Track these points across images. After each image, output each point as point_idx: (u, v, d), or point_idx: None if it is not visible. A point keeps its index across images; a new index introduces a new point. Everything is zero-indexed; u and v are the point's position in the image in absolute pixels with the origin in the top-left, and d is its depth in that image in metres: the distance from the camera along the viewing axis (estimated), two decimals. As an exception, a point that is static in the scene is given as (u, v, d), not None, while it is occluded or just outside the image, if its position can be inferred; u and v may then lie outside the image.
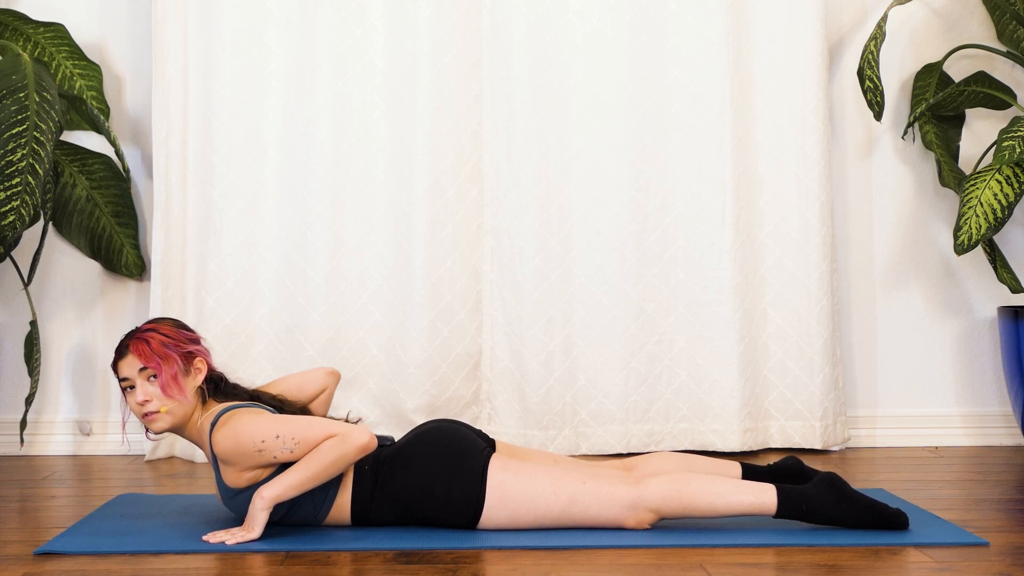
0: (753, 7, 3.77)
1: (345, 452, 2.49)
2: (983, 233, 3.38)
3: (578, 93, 3.73)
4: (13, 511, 3.02)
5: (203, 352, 2.66)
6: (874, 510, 2.55)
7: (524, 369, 3.70)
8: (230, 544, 2.50)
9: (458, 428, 2.69)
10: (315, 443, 2.50)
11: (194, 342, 2.65)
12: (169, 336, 2.62)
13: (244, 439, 2.49)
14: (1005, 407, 3.89)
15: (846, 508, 2.54)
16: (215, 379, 2.67)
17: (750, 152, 3.77)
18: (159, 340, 2.60)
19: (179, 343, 2.62)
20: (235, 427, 2.51)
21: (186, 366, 2.61)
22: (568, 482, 2.58)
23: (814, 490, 2.55)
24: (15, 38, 3.79)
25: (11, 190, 3.19)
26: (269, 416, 2.56)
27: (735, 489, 2.55)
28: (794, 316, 3.74)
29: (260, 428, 2.50)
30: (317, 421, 2.55)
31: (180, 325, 2.69)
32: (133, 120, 3.90)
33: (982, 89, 3.79)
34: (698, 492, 2.54)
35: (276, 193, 3.74)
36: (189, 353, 2.62)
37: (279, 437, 2.49)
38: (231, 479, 2.55)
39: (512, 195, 3.73)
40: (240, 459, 2.51)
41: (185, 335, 2.65)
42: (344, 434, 2.50)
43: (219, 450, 2.52)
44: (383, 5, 3.73)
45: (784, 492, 2.54)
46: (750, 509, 2.54)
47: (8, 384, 3.86)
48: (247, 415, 2.55)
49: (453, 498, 2.57)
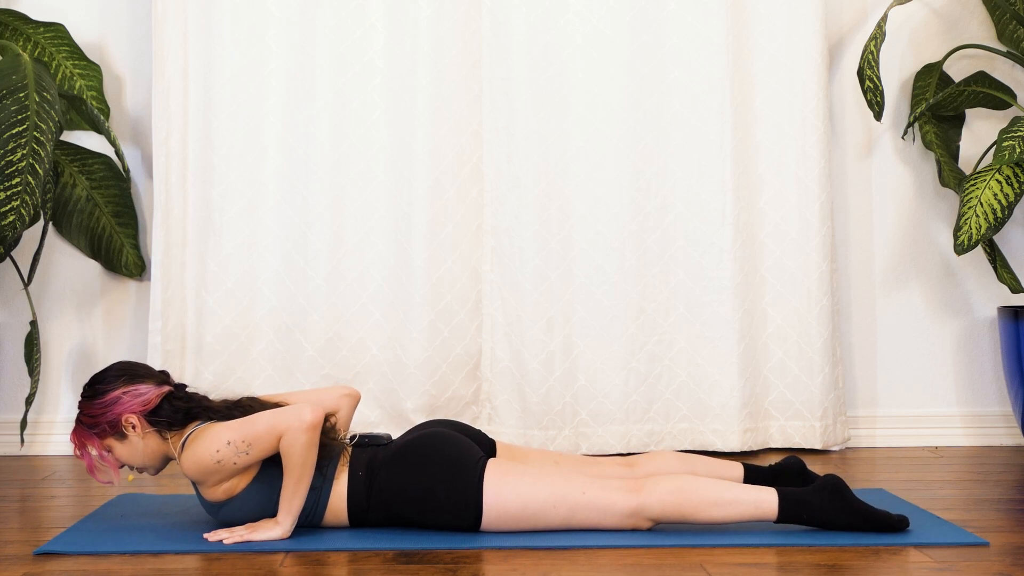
0: (753, 7, 3.77)
1: (302, 441, 2.48)
2: (983, 233, 3.38)
3: (578, 93, 3.73)
4: (13, 511, 3.02)
5: (127, 407, 2.59)
6: (876, 518, 2.54)
7: (524, 369, 3.70)
8: (227, 543, 2.50)
9: (454, 435, 2.65)
10: (264, 439, 2.49)
11: (116, 404, 2.58)
12: (83, 420, 2.62)
13: (201, 456, 2.50)
14: (1005, 407, 3.89)
15: (848, 516, 2.53)
16: (168, 411, 2.61)
17: (750, 152, 3.77)
18: (76, 431, 2.63)
19: (96, 425, 2.60)
20: (194, 448, 2.53)
21: (114, 432, 2.60)
22: (567, 492, 2.55)
23: (815, 497, 2.53)
24: (15, 38, 3.79)
25: (11, 190, 3.19)
26: (219, 426, 2.54)
27: (735, 499, 2.53)
28: (794, 316, 3.74)
29: (211, 441, 2.51)
30: (261, 417, 2.52)
31: (94, 397, 2.61)
32: (133, 120, 3.90)
33: (982, 89, 3.79)
34: (699, 504, 2.52)
35: (276, 193, 3.74)
36: (111, 423, 2.59)
37: (230, 443, 2.49)
38: (209, 495, 2.57)
39: (512, 195, 3.73)
40: (206, 476, 2.52)
41: (98, 406, 2.59)
42: (286, 427, 2.48)
43: (187, 472, 2.55)
44: (383, 5, 3.73)
45: (785, 499, 2.52)
46: (750, 519, 2.53)
47: (8, 384, 3.86)
48: (204, 431, 2.55)
49: (450, 507, 2.55)
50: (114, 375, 2.63)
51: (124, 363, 2.69)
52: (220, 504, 2.57)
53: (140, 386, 2.61)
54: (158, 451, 2.63)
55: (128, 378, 2.62)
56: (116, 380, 2.61)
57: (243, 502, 2.57)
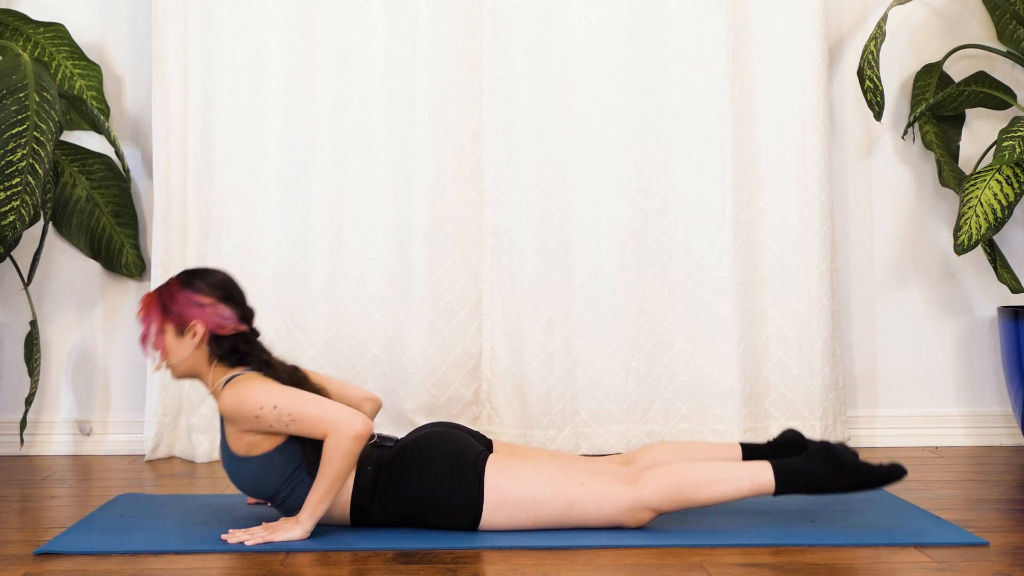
0: (753, 7, 3.77)
1: (347, 448, 2.50)
2: (983, 233, 3.38)
3: (578, 93, 3.73)
4: (13, 511, 3.02)
5: (203, 317, 2.63)
6: (871, 473, 2.53)
7: (524, 369, 3.70)
8: (249, 544, 2.50)
9: (455, 432, 2.69)
10: (309, 423, 2.52)
11: (199, 307, 2.63)
12: (163, 296, 2.65)
13: (245, 402, 2.53)
14: (1005, 407, 3.90)
15: (844, 476, 2.53)
16: (230, 345, 2.65)
17: (750, 152, 3.77)
18: (151, 299, 2.66)
19: (171, 306, 2.64)
20: (240, 389, 2.56)
21: (177, 325, 2.63)
22: (566, 484, 2.57)
23: (810, 463, 2.53)
24: (15, 38, 3.79)
25: (11, 190, 3.19)
26: (275, 386, 2.58)
27: (732, 475, 2.54)
28: (794, 316, 3.74)
29: (262, 396, 2.54)
30: (315, 401, 2.55)
31: (189, 286, 2.66)
32: (133, 120, 3.90)
33: (982, 89, 3.79)
34: (696, 485, 2.54)
35: (276, 193, 3.74)
36: (181, 317, 2.63)
37: (276, 408, 2.52)
38: (232, 439, 2.59)
39: (512, 195, 3.73)
40: (239, 419, 2.55)
41: (187, 298, 2.64)
42: (336, 427, 2.50)
43: (223, 407, 2.57)
44: (383, 5, 3.73)
45: (780, 470, 2.53)
46: (748, 493, 2.54)
47: (8, 384, 3.86)
48: (256, 381, 2.59)
49: (452, 505, 2.57)
50: (213, 284, 2.67)
51: (228, 279, 2.71)
52: (239, 460, 2.59)
53: (226, 310, 2.66)
54: (196, 367, 2.67)
55: (222, 295, 2.67)
56: (212, 289, 2.66)
57: (260, 467, 2.58)
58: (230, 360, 2.66)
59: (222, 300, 2.66)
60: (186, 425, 3.69)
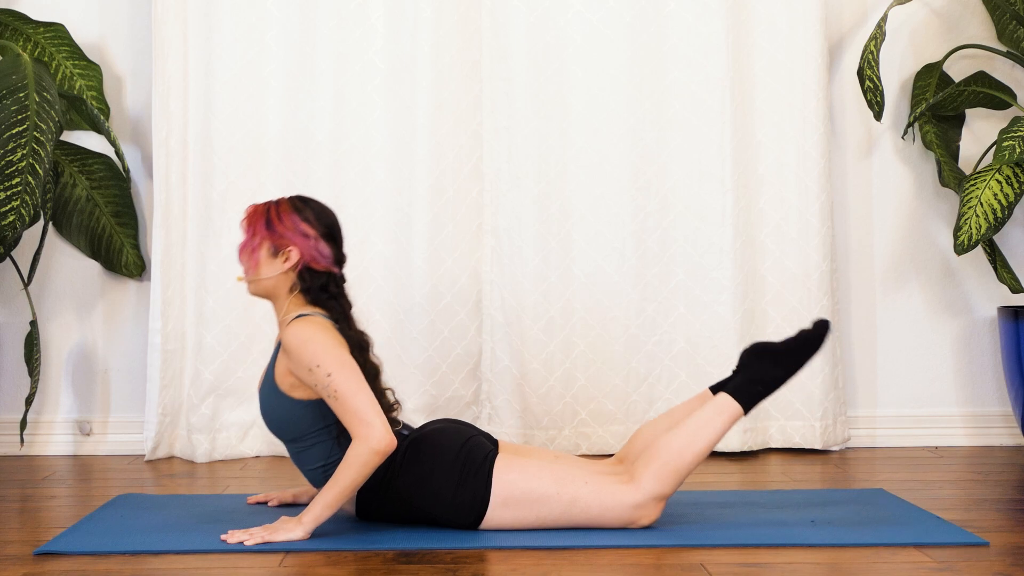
0: (753, 7, 3.77)
1: (368, 459, 2.50)
2: (983, 233, 3.38)
3: (578, 93, 3.73)
4: (13, 511, 3.02)
5: (302, 246, 2.64)
6: (803, 342, 2.63)
7: (524, 369, 3.70)
8: (248, 545, 2.50)
9: (466, 429, 2.70)
10: (347, 410, 2.51)
11: (303, 235, 2.63)
12: (272, 212, 2.66)
13: (308, 351, 2.53)
14: (1005, 407, 3.89)
15: (784, 361, 2.63)
16: (320, 283, 2.65)
17: (750, 152, 3.77)
18: (260, 210, 2.67)
19: (276, 224, 2.64)
20: (312, 334, 2.55)
21: (274, 246, 2.64)
22: (570, 482, 2.58)
23: (751, 370, 2.64)
24: (15, 38, 3.79)
25: (11, 190, 3.19)
26: (342, 355, 2.55)
27: (704, 423, 2.60)
28: (794, 316, 3.74)
29: (325, 357, 2.52)
30: (364, 395, 2.53)
31: (299, 212, 2.66)
32: (133, 120, 3.90)
33: (982, 89, 3.79)
34: (680, 451, 2.58)
35: (276, 193, 3.73)
36: (281, 238, 2.64)
37: (329, 376, 2.51)
38: (280, 371, 2.61)
39: (512, 195, 3.73)
40: (295, 360, 2.55)
41: (294, 223, 2.64)
42: (367, 434, 2.49)
43: (287, 340, 2.57)
44: (383, 5, 3.73)
45: (736, 391, 2.62)
46: (725, 428, 2.61)
47: (8, 384, 3.86)
48: (328, 333, 2.57)
49: (459, 499, 2.57)
50: (321, 219, 2.68)
51: (335, 220, 2.72)
52: (276, 393, 2.60)
53: (326, 248, 2.66)
54: (276, 291, 2.68)
55: (326, 232, 2.67)
56: (318, 223, 2.67)
57: (293, 409, 2.60)
58: (312, 296, 2.66)
59: (324, 237, 2.67)
60: (186, 425, 3.69)
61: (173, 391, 3.71)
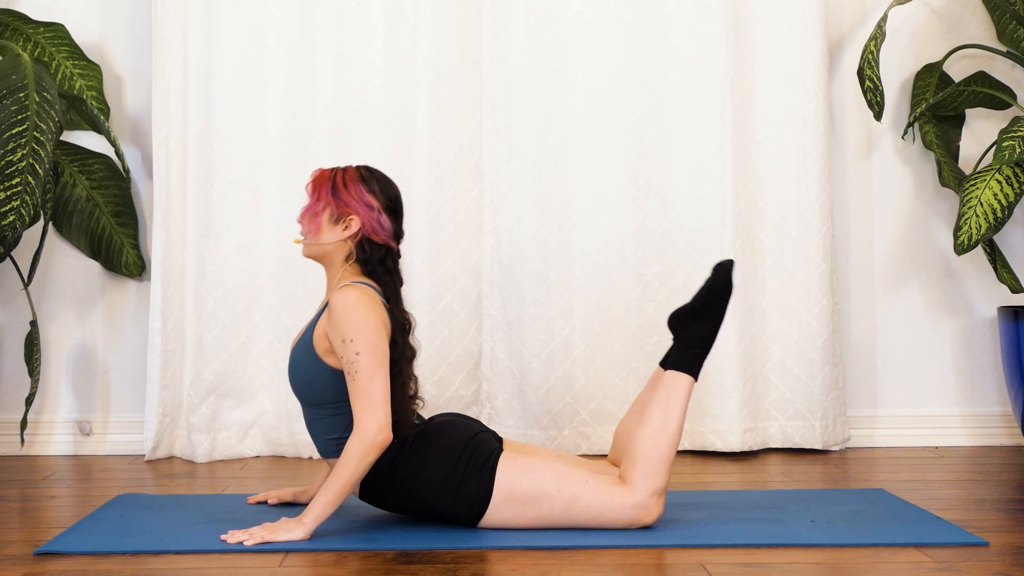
0: (753, 7, 3.78)
1: (365, 452, 2.50)
2: (983, 233, 3.38)
3: (578, 93, 3.73)
4: (13, 511, 3.02)
5: (365, 216, 2.65)
6: (715, 292, 2.68)
7: (524, 369, 3.70)
8: (248, 545, 2.49)
9: (473, 424, 2.71)
10: (360, 392, 2.51)
11: (366, 206, 2.65)
12: (339, 180, 2.68)
13: (349, 322, 2.53)
14: (1005, 407, 3.89)
15: (707, 316, 2.68)
16: (379, 256, 2.67)
17: (750, 152, 3.77)
18: (329, 175, 2.69)
19: (341, 191, 2.66)
20: (360, 307, 2.55)
21: (337, 213, 2.66)
22: (571, 481, 2.59)
23: (684, 337, 2.69)
24: (15, 38, 3.79)
25: (11, 190, 3.19)
26: (379, 341, 2.55)
27: (666, 407, 2.63)
28: (794, 316, 3.74)
29: (361, 335, 2.53)
30: (380, 385, 2.53)
31: (365, 183, 2.68)
32: (133, 120, 3.90)
33: (982, 89, 3.79)
34: (656, 440, 2.61)
35: (276, 193, 3.74)
36: (345, 206, 2.65)
37: (358, 355, 2.52)
38: (319, 331, 2.61)
39: (512, 195, 3.73)
40: (334, 324, 2.55)
41: (359, 192, 2.66)
42: (368, 425, 2.50)
43: (335, 303, 2.57)
44: (383, 5, 3.73)
45: (679, 363, 2.67)
46: (686, 400, 2.66)
47: (8, 384, 3.86)
48: (375, 318, 2.56)
49: (461, 493, 2.58)
50: (385, 192, 2.69)
51: (399, 196, 2.74)
52: (309, 353, 2.61)
53: (387, 221, 2.68)
54: (331, 257, 2.69)
55: (388, 206, 2.69)
56: (382, 196, 2.68)
57: (321, 374, 2.61)
58: (368, 268, 2.67)
59: (387, 210, 2.68)
60: (186, 425, 3.69)
61: (173, 391, 3.71)
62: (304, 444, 3.69)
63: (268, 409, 3.73)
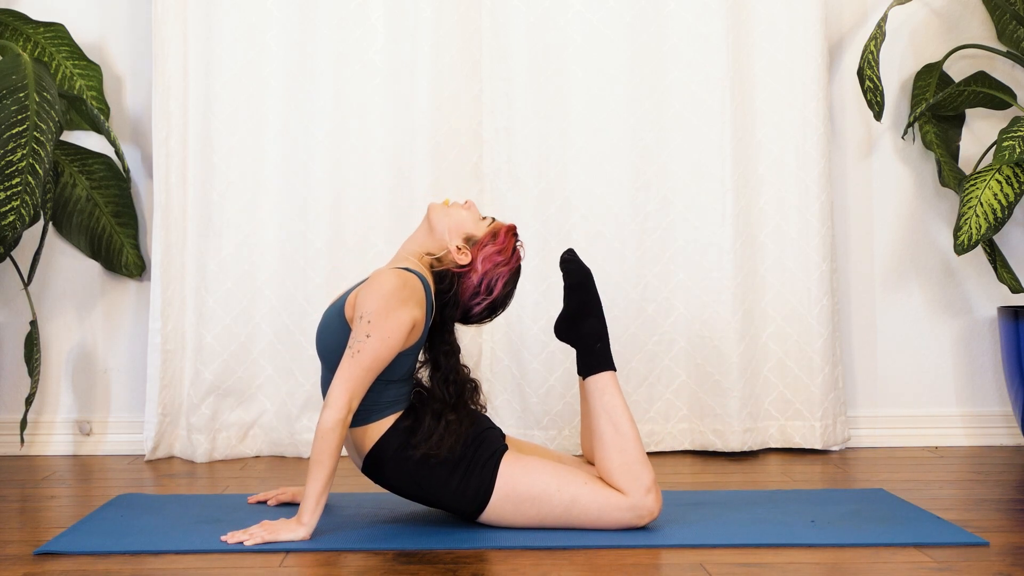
0: (753, 7, 3.78)
1: (322, 434, 2.50)
2: (983, 233, 3.38)
3: (578, 93, 3.73)
4: (13, 511, 3.02)
5: (480, 267, 2.67)
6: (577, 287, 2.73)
7: (524, 369, 3.70)
8: (248, 545, 2.49)
9: (481, 419, 2.71)
10: (342, 372, 2.51)
11: (492, 263, 2.68)
12: (504, 235, 2.72)
13: (375, 301, 2.53)
14: (1005, 407, 3.89)
15: (586, 311, 2.73)
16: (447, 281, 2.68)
17: (750, 152, 3.77)
18: (511, 231, 2.73)
19: (500, 240, 2.71)
20: (394, 294, 2.54)
21: (471, 240, 2.70)
22: (571, 482, 2.59)
23: (581, 341, 2.73)
24: (15, 38, 3.79)
25: (11, 190, 3.19)
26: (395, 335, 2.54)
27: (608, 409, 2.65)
28: (794, 316, 3.74)
29: (380, 321, 2.52)
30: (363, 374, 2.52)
31: (509, 264, 2.71)
32: (133, 120, 3.90)
33: (982, 89, 3.79)
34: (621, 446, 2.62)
35: (276, 193, 3.74)
36: (484, 247, 2.68)
37: (368, 337, 2.52)
38: (351, 299, 2.61)
39: (512, 195, 3.73)
40: (362, 295, 2.55)
41: (501, 258, 2.69)
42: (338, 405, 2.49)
43: (375, 275, 2.58)
44: (383, 5, 3.73)
45: (591, 366, 2.70)
46: (620, 394, 2.69)
47: (8, 384, 3.86)
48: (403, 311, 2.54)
49: (464, 487, 2.58)
50: (505, 291, 2.72)
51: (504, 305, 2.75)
52: (340, 317, 2.61)
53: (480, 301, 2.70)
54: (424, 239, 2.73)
55: (493, 301, 2.71)
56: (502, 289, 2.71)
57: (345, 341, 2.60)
58: (440, 281, 2.69)
59: (487, 293, 2.70)
60: (186, 425, 3.69)
61: (173, 391, 3.71)
62: (304, 444, 3.69)
63: (268, 409, 3.73)
